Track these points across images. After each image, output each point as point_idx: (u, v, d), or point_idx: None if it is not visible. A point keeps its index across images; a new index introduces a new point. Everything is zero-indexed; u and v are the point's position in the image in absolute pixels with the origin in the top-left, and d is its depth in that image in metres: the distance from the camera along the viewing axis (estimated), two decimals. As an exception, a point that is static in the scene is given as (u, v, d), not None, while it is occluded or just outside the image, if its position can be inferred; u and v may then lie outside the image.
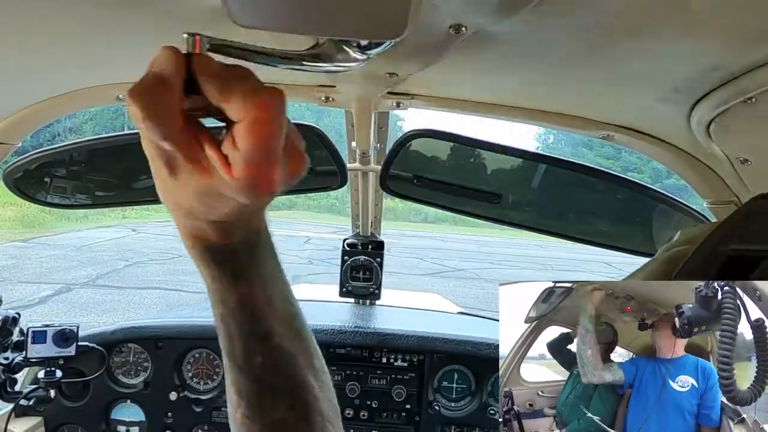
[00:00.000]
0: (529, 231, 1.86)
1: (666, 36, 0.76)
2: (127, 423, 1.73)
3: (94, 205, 2.03)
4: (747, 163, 1.04)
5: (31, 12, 0.78)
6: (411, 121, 21.89)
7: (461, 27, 0.73)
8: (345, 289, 2.00)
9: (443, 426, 1.73)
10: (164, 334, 1.72)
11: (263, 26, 0.63)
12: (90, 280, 9.46)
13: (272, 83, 1.42)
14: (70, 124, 20.28)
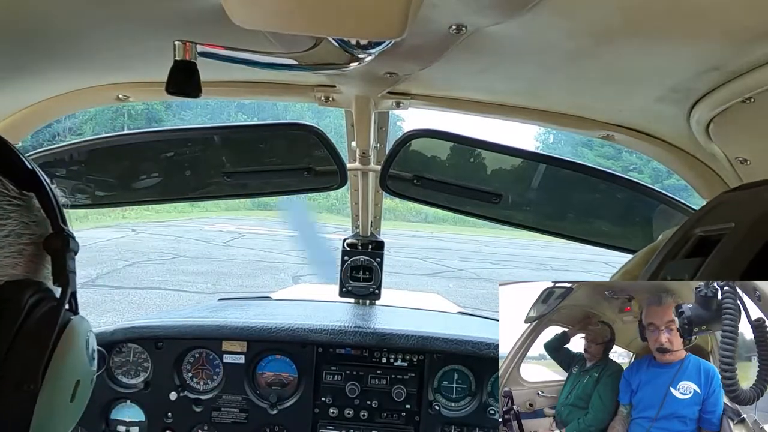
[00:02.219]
0: (529, 231, 1.87)
1: (666, 36, 0.76)
2: (127, 423, 1.73)
3: (94, 205, 2.03)
4: (746, 163, 1.04)
5: (32, 12, 0.78)
6: (411, 121, 21.91)
7: (461, 27, 0.73)
8: (345, 289, 2.00)
9: (443, 426, 1.73)
10: (164, 334, 1.72)
11: (263, 27, 0.63)
12: (90, 280, 9.45)
13: (272, 83, 1.42)
14: (70, 124, 20.27)
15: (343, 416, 1.73)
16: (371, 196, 1.82)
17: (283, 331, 1.72)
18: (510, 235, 19.62)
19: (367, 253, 1.98)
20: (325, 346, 1.74)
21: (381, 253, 2.00)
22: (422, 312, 2.31)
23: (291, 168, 1.63)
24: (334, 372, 1.73)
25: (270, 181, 1.69)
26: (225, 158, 1.63)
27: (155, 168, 1.68)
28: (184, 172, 1.70)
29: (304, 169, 1.59)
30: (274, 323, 1.73)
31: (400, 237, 16.89)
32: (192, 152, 1.64)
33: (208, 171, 1.68)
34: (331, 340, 1.73)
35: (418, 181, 1.59)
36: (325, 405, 1.73)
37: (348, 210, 1.99)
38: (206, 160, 1.68)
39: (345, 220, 2.27)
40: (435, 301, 3.05)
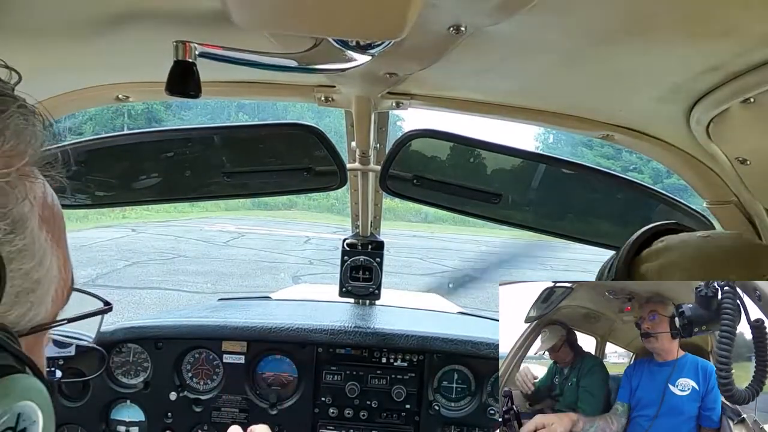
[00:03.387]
0: (529, 231, 1.87)
1: (666, 36, 0.76)
2: (127, 423, 1.73)
3: (94, 205, 2.03)
4: (746, 163, 1.04)
5: (32, 13, 0.78)
6: (411, 121, 21.88)
7: (461, 27, 0.73)
8: (345, 289, 2.00)
9: (443, 426, 1.73)
10: (164, 334, 1.72)
11: (263, 27, 0.63)
12: (90, 280, 9.44)
13: (272, 83, 1.42)
14: (70, 124, 20.27)
15: (342, 416, 1.73)
16: (371, 196, 1.82)
17: (283, 331, 1.72)
18: (510, 235, 19.62)
19: (367, 253, 1.98)
20: (325, 346, 1.74)
21: (381, 253, 1.99)
22: (422, 312, 2.31)
23: (291, 168, 1.63)
24: (334, 372, 1.73)
25: (270, 181, 1.69)
26: (225, 158, 1.63)
27: (155, 168, 1.68)
28: (184, 172, 1.69)
29: (304, 169, 1.59)
30: (274, 323, 1.73)
31: (400, 237, 16.88)
32: (192, 152, 1.64)
33: (208, 171, 1.68)
34: (331, 340, 1.73)
35: (418, 181, 1.59)
36: (324, 405, 1.73)
37: (348, 210, 1.99)
38: (206, 160, 1.68)
39: (345, 220, 2.27)
40: (435, 301, 3.05)
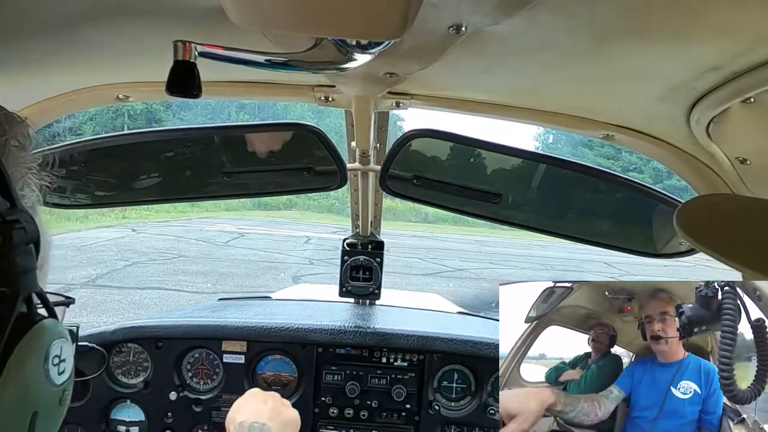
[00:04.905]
0: (529, 231, 1.86)
1: (666, 36, 0.76)
2: (127, 423, 1.73)
3: (94, 205, 2.03)
4: (746, 163, 1.04)
5: (31, 13, 0.78)
6: (411, 121, 21.89)
7: (461, 27, 0.73)
8: (345, 289, 2.00)
9: (443, 426, 1.73)
10: (164, 334, 1.72)
11: (263, 27, 0.63)
12: (90, 280, 9.45)
13: (272, 83, 1.42)
14: (70, 124, 20.25)
15: (343, 416, 1.73)
16: (371, 196, 1.82)
17: (283, 331, 1.72)
18: (510, 235, 19.62)
19: (367, 253, 1.98)
20: (325, 345, 1.74)
21: (381, 253, 2.00)
22: (422, 312, 2.31)
23: (291, 168, 1.63)
24: (334, 372, 1.73)
25: (270, 181, 1.69)
26: (225, 158, 1.63)
27: (155, 168, 1.68)
28: (184, 172, 1.69)
29: (304, 169, 1.59)
30: (274, 323, 1.73)
31: (400, 237, 16.88)
32: (192, 152, 1.64)
33: (208, 171, 1.68)
34: (331, 339, 1.73)
35: (418, 181, 1.59)
36: (325, 405, 1.73)
37: (348, 210, 1.99)
38: (206, 160, 1.68)
39: (345, 220, 2.27)
40: (435, 301, 3.05)
